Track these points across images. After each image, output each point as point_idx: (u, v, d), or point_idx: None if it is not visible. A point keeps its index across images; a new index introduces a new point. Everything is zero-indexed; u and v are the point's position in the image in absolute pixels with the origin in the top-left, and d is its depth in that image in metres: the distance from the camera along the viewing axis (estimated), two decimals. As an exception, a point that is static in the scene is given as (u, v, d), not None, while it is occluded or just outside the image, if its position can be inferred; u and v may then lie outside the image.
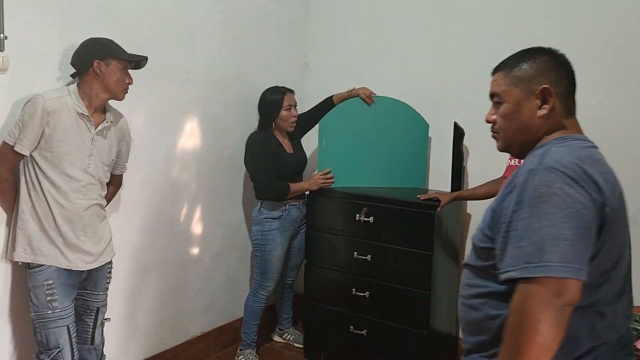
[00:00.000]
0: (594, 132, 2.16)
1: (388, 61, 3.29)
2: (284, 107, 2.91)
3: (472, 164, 3.04)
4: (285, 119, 2.93)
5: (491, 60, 2.93)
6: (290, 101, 2.94)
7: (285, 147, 2.98)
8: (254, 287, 3.03)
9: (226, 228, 3.14)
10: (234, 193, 3.16)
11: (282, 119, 2.93)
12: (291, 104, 2.94)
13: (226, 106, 3.03)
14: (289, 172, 2.96)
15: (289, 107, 2.93)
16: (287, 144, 3.01)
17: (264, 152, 2.86)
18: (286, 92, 2.94)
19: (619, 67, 2.62)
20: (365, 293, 2.86)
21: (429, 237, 2.64)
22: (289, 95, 2.95)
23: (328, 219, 2.98)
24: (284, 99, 2.92)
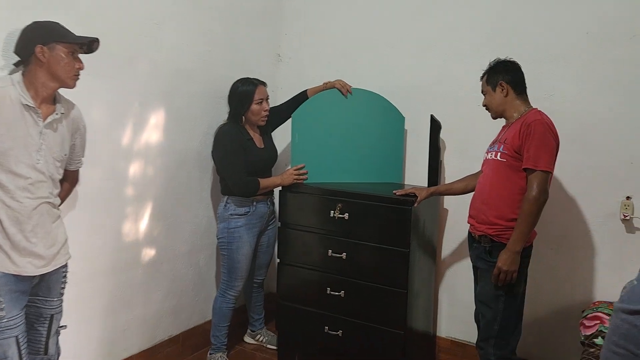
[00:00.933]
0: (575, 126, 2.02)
1: (364, 52, 3.18)
2: (255, 100, 2.77)
3: (449, 158, 2.96)
4: (256, 112, 2.79)
5: (470, 52, 2.88)
6: (262, 94, 2.81)
7: (255, 141, 2.85)
8: (222, 287, 2.89)
9: (195, 225, 3.00)
10: (203, 189, 3.02)
11: (253, 112, 2.79)
12: (263, 98, 2.81)
13: (193, 98, 2.88)
14: (258, 167, 2.83)
15: (260, 100, 2.79)
16: (257, 138, 2.88)
17: (234, 145, 2.72)
18: (258, 85, 2.80)
19: (596, 58, 2.56)
20: (340, 292, 2.75)
21: (406, 233, 2.55)
22: (260, 87, 2.81)
23: (301, 215, 2.86)
24: (256, 91, 2.78)
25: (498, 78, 2.27)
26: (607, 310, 2.43)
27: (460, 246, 2.99)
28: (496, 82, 2.27)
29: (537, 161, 2.09)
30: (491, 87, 2.29)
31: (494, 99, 2.29)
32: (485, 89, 2.33)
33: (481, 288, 2.28)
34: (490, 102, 2.31)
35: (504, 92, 2.26)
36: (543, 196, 2.09)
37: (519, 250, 2.12)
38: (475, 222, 2.32)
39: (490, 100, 2.31)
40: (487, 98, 2.33)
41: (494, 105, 2.30)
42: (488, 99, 2.32)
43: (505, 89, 2.25)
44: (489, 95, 2.31)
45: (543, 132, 2.11)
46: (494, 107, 2.31)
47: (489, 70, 2.33)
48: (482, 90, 2.36)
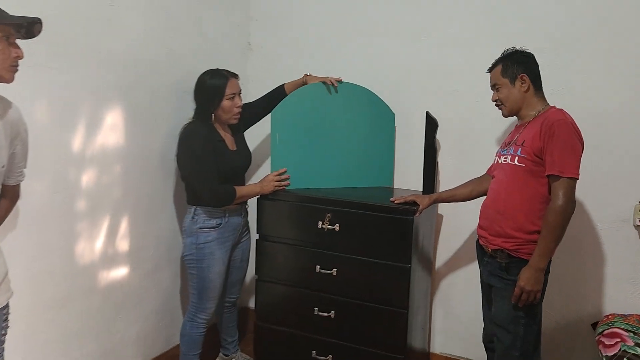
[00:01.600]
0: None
1: (347, 41, 2.85)
2: (226, 95, 2.39)
3: (444, 160, 2.69)
4: (228, 109, 2.42)
5: (469, 41, 2.59)
6: (234, 88, 2.43)
7: (227, 142, 2.48)
8: (191, 310, 2.52)
9: (159, 240, 2.60)
10: (167, 197, 2.63)
11: (224, 109, 2.42)
12: (235, 92, 2.43)
13: (155, 93, 2.48)
14: (231, 172, 2.47)
15: (233, 95, 2.42)
16: (229, 139, 2.52)
17: (204, 148, 2.35)
18: (229, 77, 2.42)
19: (611, 50, 2.34)
20: (329, 313, 2.44)
21: (406, 247, 2.26)
22: (232, 81, 2.43)
23: (283, 226, 2.52)
24: (227, 85, 2.40)
25: (519, 70, 2.00)
26: (624, 326, 2.24)
27: (455, 255, 2.74)
28: (516, 75, 2.01)
29: (564, 167, 1.84)
30: (509, 79, 2.02)
31: (512, 93, 2.02)
32: (501, 81, 2.04)
33: (497, 310, 2.03)
34: (507, 97, 2.03)
35: (524, 86, 2.00)
36: (571, 206, 1.85)
37: (543, 267, 1.88)
38: (487, 234, 2.06)
39: (507, 95, 2.03)
40: (502, 92, 2.04)
41: (511, 101, 2.03)
42: (505, 94, 2.04)
43: (526, 83, 2.00)
44: (506, 89, 2.03)
45: (568, 133, 1.87)
46: (510, 103, 2.03)
47: (505, 60, 2.05)
48: (495, 83, 2.08)
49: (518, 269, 1.94)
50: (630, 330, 2.20)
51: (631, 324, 2.25)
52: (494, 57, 2.50)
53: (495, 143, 2.55)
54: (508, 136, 2.15)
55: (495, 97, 2.09)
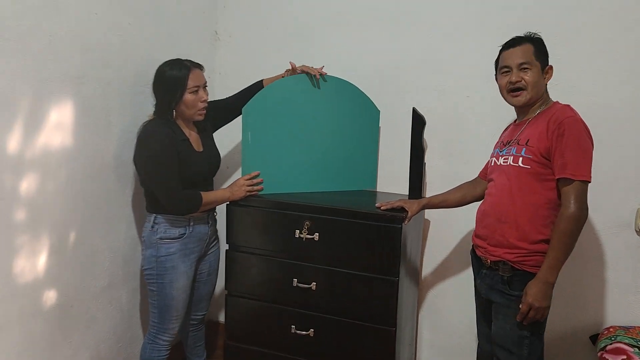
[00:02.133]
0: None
1: (327, 31, 2.60)
2: (189, 88, 2.11)
3: (432, 160, 2.47)
4: (191, 104, 2.14)
5: (460, 32, 2.37)
6: (198, 80, 2.15)
7: (192, 142, 2.21)
8: (151, 332, 2.24)
9: (115, 252, 2.31)
10: (124, 204, 2.33)
11: (187, 104, 2.13)
12: (199, 85, 2.15)
13: (109, 86, 2.18)
14: (198, 175, 2.19)
15: (196, 88, 2.13)
16: (194, 138, 2.24)
17: (165, 149, 2.07)
18: (192, 68, 2.14)
19: (613, 41, 2.16)
20: (308, 331, 2.20)
21: (394, 258, 2.04)
22: (196, 72, 2.15)
23: (255, 236, 2.27)
24: (189, 76, 2.11)
25: (547, 59, 1.81)
26: (628, 340, 2.07)
27: (442, 264, 2.53)
28: (546, 63, 1.81)
29: (576, 169, 1.65)
30: (541, 64, 1.80)
31: (540, 81, 1.81)
32: (533, 63, 1.79)
33: (498, 328, 1.82)
34: (536, 82, 1.78)
35: (548, 79, 1.82)
36: (584, 213, 1.66)
37: (553, 281, 1.68)
38: (487, 244, 1.85)
39: (537, 80, 1.79)
40: (531, 75, 1.78)
41: (536, 89, 1.80)
42: (534, 78, 1.78)
43: (549, 77, 1.82)
44: (536, 73, 1.79)
45: (579, 132, 1.68)
46: (535, 91, 1.80)
47: (536, 43, 1.81)
48: (525, 61, 1.79)
49: (522, 283, 1.74)
50: (635, 345, 2.03)
51: (635, 337, 2.08)
52: (486, 50, 2.31)
53: (487, 142, 2.33)
54: (505, 134, 1.94)
55: (519, 78, 1.79)
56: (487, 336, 1.96)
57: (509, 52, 1.84)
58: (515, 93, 1.82)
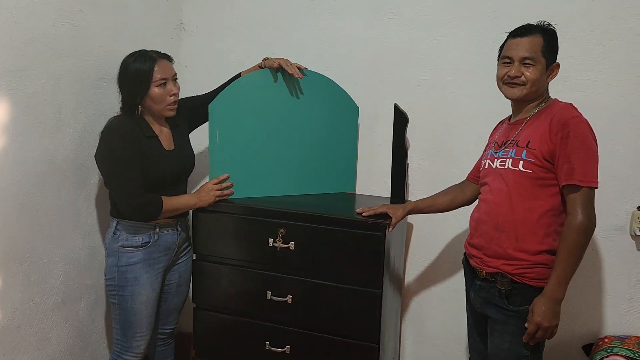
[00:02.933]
0: None
1: (301, 20, 2.41)
2: (155, 81, 1.91)
3: (415, 160, 2.31)
4: (159, 99, 1.94)
5: (444, 22, 2.19)
6: (165, 72, 1.95)
7: (162, 140, 2.01)
8: (115, 350, 2.04)
9: (70, 264, 2.09)
10: (79, 211, 2.11)
11: (155, 98, 1.93)
12: (167, 77, 1.95)
13: (59, 81, 1.95)
14: (166, 176, 2.00)
15: (164, 81, 1.93)
16: (165, 135, 2.04)
17: (125, 147, 1.87)
18: (158, 59, 1.94)
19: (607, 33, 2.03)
20: (284, 348, 2.03)
21: (377, 268, 1.87)
22: (162, 63, 1.95)
23: (225, 244, 2.08)
24: (155, 69, 1.91)
25: (555, 57, 1.65)
26: (624, 352, 1.95)
27: (426, 271, 2.37)
28: (553, 61, 1.65)
29: (584, 175, 1.51)
30: (547, 60, 1.63)
31: (542, 79, 1.64)
32: (538, 59, 1.61)
33: (496, 347, 1.66)
34: (537, 80, 1.61)
35: (551, 78, 1.67)
36: (593, 221, 1.52)
37: (561, 297, 1.53)
38: (482, 254, 1.69)
39: (538, 77, 1.61)
40: (533, 72, 1.61)
41: (536, 87, 1.63)
42: (536, 75, 1.61)
43: (554, 76, 1.67)
44: (539, 70, 1.61)
45: (585, 134, 1.54)
46: (535, 88, 1.63)
47: (548, 36, 1.64)
48: (530, 56, 1.61)
49: (522, 297, 1.59)
50: (633, 358, 1.91)
51: (631, 349, 1.96)
52: (474, 42, 2.16)
53: (474, 141, 2.18)
54: (499, 133, 1.78)
55: (519, 74, 1.62)
56: (481, 352, 1.81)
57: (515, 42, 1.65)
58: (512, 85, 1.65)
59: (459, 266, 2.23)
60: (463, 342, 2.34)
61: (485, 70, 2.08)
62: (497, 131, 1.84)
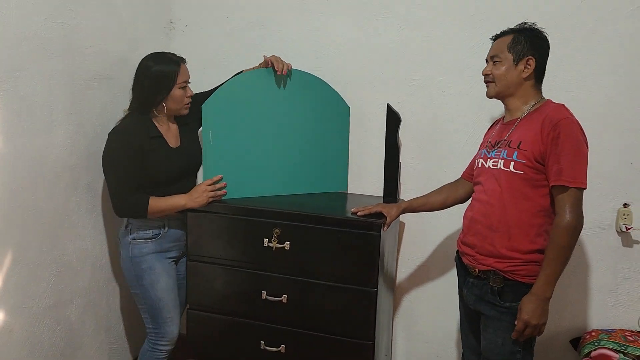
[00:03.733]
0: None
1: (291, 19, 2.41)
2: (179, 83, 1.99)
3: (406, 160, 2.33)
4: (179, 99, 2.02)
5: (434, 22, 2.20)
6: (186, 75, 2.05)
7: (168, 138, 2.06)
8: (150, 340, 2.13)
9: (62, 266, 2.07)
10: (71, 212, 2.09)
11: (176, 99, 2.01)
12: (187, 80, 2.04)
13: (50, 81, 1.93)
14: (171, 173, 2.04)
15: (185, 83, 2.02)
16: (172, 133, 2.10)
17: (126, 148, 1.93)
18: (181, 63, 2.03)
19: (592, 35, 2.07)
20: (279, 347, 2.04)
21: (372, 267, 1.89)
22: (184, 67, 2.04)
23: (219, 245, 2.08)
24: (179, 72, 1.99)
25: (529, 51, 1.66)
26: (611, 345, 2.00)
27: (417, 269, 2.40)
28: (523, 55, 1.66)
29: (573, 176, 1.54)
30: (514, 56, 1.66)
31: (510, 74, 1.67)
32: (503, 55, 1.67)
33: (489, 343, 1.70)
34: (503, 76, 1.67)
35: (526, 71, 1.66)
36: (580, 222, 1.55)
37: (549, 296, 1.57)
38: (475, 252, 1.72)
39: (504, 74, 1.67)
40: (499, 68, 1.67)
41: (504, 82, 1.68)
42: (501, 71, 1.67)
43: (530, 68, 1.66)
44: (505, 66, 1.67)
45: (576, 136, 1.57)
46: (503, 84, 1.68)
47: (518, 32, 1.68)
48: (495, 55, 1.70)
49: (513, 294, 1.63)
50: (620, 351, 1.97)
51: (618, 341, 2.02)
52: (464, 42, 2.20)
53: (465, 141, 2.23)
54: (493, 133, 1.81)
55: (488, 71, 1.71)
56: (474, 348, 1.85)
57: (492, 44, 1.76)
58: (486, 84, 1.75)
59: (450, 264, 2.28)
60: (454, 339, 2.39)
61: (475, 70, 2.12)
62: (491, 131, 1.87)
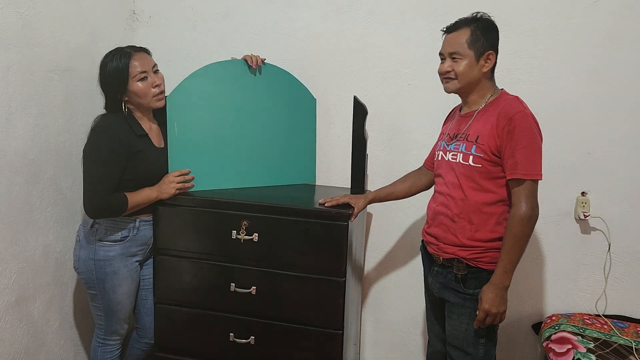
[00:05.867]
0: None
1: (256, 11, 2.40)
2: (134, 76, 1.92)
3: (374, 151, 2.36)
4: (142, 92, 1.94)
5: (400, 15, 2.24)
6: (143, 65, 1.95)
7: (153, 137, 2.03)
8: (99, 334, 2.10)
9: (24, 263, 2.01)
10: (33, 207, 2.04)
11: (138, 93, 1.94)
12: (146, 70, 1.95)
13: (7, 73, 1.87)
14: (156, 174, 2.00)
15: (144, 74, 1.94)
16: (155, 132, 2.06)
17: (114, 144, 1.88)
18: (133, 54, 1.94)
19: (552, 28, 2.13)
20: (248, 339, 2.05)
21: (340, 258, 1.91)
22: (139, 56, 1.95)
23: (186, 238, 2.06)
24: (131, 63, 1.92)
25: (488, 46, 1.66)
26: (570, 328, 2.08)
27: (385, 259, 2.44)
28: (484, 50, 1.65)
29: (527, 169, 1.58)
30: (475, 52, 1.65)
31: (472, 71, 1.66)
32: (464, 52, 1.65)
33: (453, 329, 1.74)
34: (465, 73, 1.66)
35: (487, 66, 1.67)
36: (535, 212, 1.60)
37: (508, 284, 1.61)
38: (439, 241, 1.76)
39: (467, 71, 1.66)
40: (461, 65, 1.66)
41: (467, 79, 1.67)
42: (464, 68, 1.65)
43: (490, 63, 1.68)
44: (467, 62, 1.65)
45: (530, 128, 1.60)
46: (465, 81, 1.68)
47: (475, 26, 1.66)
48: (455, 51, 1.66)
49: (476, 280, 1.67)
50: (578, 333, 2.04)
51: (576, 325, 2.10)
52: (428, 35, 2.22)
53: (430, 132, 2.26)
54: (450, 125, 1.83)
55: (449, 69, 1.68)
56: (439, 335, 1.89)
57: (446, 39, 1.73)
58: (445, 81, 1.72)
59: (416, 254, 2.32)
60: (420, 326, 2.43)
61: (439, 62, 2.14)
62: (449, 121, 1.90)
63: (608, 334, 2.04)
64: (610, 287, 2.20)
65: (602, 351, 1.94)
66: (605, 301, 2.20)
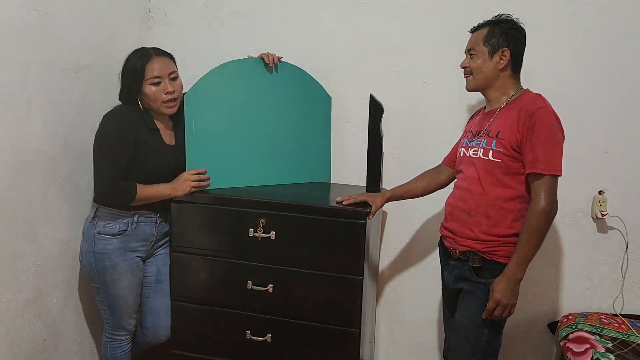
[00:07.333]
0: None
1: (272, 9, 2.40)
2: (147, 79, 1.92)
3: (389, 149, 2.35)
4: (153, 97, 1.94)
5: (416, 12, 2.24)
6: (160, 70, 1.94)
7: (164, 135, 2.03)
8: (107, 329, 2.12)
9: (42, 260, 2.03)
10: (51, 204, 2.05)
11: (149, 96, 1.95)
12: (161, 76, 1.94)
13: (27, 71, 1.88)
14: (162, 171, 2.00)
15: (158, 79, 1.93)
16: (168, 131, 2.06)
17: (121, 133, 1.90)
18: (153, 57, 1.95)
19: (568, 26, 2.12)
20: (265, 337, 2.05)
21: (358, 256, 1.91)
22: (158, 60, 1.95)
23: (204, 235, 2.06)
24: (147, 66, 1.93)
25: (503, 42, 1.70)
26: (588, 327, 2.07)
27: (400, 257, 2.44)
28: (498, 47, 1.70)
29: (547, 164, 1.58)
30: (489, 49, 1.71)
31: (486, 66, 1.72)
32: (479, 48, 1.73)
33: (460, 315, 1.76)
34: (479, 68, 1.73)
35: (502, 63, 1.71)
36: (554, 207, 1.60)
37: (521, 277, 1.62)
38: (456, 236, 1.76)
39: (480, 66, 1.72)
40: (476, 61, 1.73)
41: (481, 75, 1.73)
42: (478, 64, 1.73)
43: (505, 60, 1.70)
44: (481, 59, 1.72)
45: (551, 125, 1.61)
46: (480, 77, 1.73)
47: (493, 25, 1.73)
48: (472, 48, 1.76)
49: (490, 272, 1.68)
50: (596, 333, 2.04)
51: (594, 324, 2.09)
52: (444, 34, 2.22)
53: (446, 130, 2.26)
54: (474, 123, 1.85)
55: (466, 64, 1.78)
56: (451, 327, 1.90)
57: (470, 38, 1.81)
58: (465, 78, 1.81)
59: (431, 252, 2.32)
60: (435, 326, 2.43)
61: (455, 61, 2.10)
62: (473, 120, 1.91)
63: (626, 333, 2.03)
64: (627, 287, 2.19)
65: (621, 351, 1.93)
66: (622, 301, 2.19)
